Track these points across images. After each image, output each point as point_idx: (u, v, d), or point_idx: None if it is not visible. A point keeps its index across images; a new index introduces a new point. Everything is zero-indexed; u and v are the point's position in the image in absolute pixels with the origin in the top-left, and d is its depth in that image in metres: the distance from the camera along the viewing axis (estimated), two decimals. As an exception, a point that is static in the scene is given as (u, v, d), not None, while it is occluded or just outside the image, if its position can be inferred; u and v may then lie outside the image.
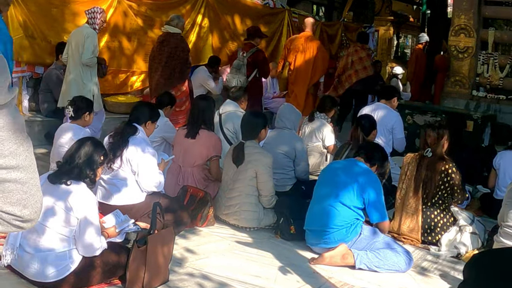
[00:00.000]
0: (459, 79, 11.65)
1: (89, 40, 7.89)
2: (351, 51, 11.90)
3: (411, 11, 19.80)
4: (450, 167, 6.16)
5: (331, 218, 5.42)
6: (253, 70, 9.87)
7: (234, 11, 11.73)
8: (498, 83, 11.36)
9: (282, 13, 13.04)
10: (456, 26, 11.57)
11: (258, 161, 6.02)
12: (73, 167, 4.27)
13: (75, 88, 7.93)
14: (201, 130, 6.62)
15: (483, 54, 11.52)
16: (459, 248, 5.93)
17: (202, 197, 6.07)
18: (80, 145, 4.38)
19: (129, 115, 5.93)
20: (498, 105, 11.14)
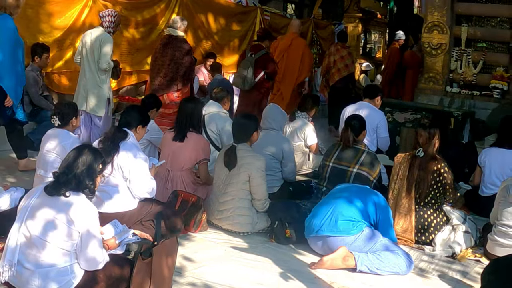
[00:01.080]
0: (433, 76, 11.63)
1: (106, 45, 7.81)
2: (333, 51, 12.34)
3: (379, 7, 19.79)
4: (442, 167, 6.08)
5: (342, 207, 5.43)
6: (261, 71, 9.83)
7: (208, 10, 11.53)
8: (472, 79, 11.36)
9: (254, 11, 12.88)
10: (429, 23, 11.55)
11: (251, 164, 5.84)
12: (71, 177, 4.03)
13: (91, 91, 7.92)
14: (189, 133, 6.42)
15: (456, 51, 11.50)
16: (453, 247, 5.85)
17: (194, 202, 5.87)
18: (77, 153, 4.14)
19: (119, 120, 5.70)
20: (473, 101, 11.15)
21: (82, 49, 7.99)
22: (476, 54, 11.35)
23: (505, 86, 10.89)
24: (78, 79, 8.17)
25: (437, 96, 11.47)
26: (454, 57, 11.54)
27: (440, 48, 11.48)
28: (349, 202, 5.48)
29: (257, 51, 9.94)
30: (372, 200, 5.56)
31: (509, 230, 5.56)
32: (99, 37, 7.82)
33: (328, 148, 6.84)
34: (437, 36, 11.47)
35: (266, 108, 7.57)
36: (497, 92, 10.95)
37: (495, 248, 5.67)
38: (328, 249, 5.37)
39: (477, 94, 11.18)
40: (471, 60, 11.37)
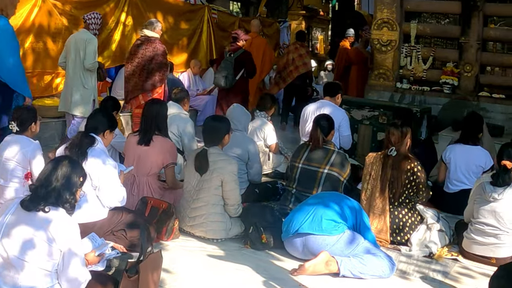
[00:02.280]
0: (383, 72, 11.54)
1: (91, 45, 7.97)
2: (292, 49, 12.54)
3: (321, 5, 19.71)
4: (416, 166, 5.94)
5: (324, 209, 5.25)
6: (240, 70, 9.90)
7: (157, 8, 11.16)
8: (422, 75, 11.32)
9: (202, 9, 12.57)
10: (379, 20, 11.45)
11: (224, 168, 5.55)
12: (50, 190, 3.67)
13: (77, 93, 8.05)
14: (155, 136, 6.10)
15: (406, 47, 11.44)
16: (430, 247, 5.75)
17: (165, 209, 5.54)
18: (56, 165, 3.77)
19: (86, 124, 5.32)
20: (423, 97, 11.10)
21: (66, 52, 8.13)
22: (426, 51, 11.31)
23: (456, 82, 10.89)
24: (64, 82, 8.36)
25: (388, 92, 11.40)
26: (404, 54, 11.47)
27: (390, 45, 11.40)
28: (328, 206, 5.29)
29: (235, 50, 10.00)
30: (347, 205, 5.38)
31: (486, 228, 5.48)
32: (83, 39, 7.97)
33: (296, 148, 6.59)
34: (386, 33, 11.38)
35: (229, 109, 7.28)
36: (447, 87, 10.94)
37: (472, 246, 5.58)
38: (308, 250, 5.18)
39: (427, 90, 11.14)
40: (420, 56, 11.32)
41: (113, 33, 10.07)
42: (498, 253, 5.46)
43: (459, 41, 10.96)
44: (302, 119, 7.97)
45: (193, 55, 12.52)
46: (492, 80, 10.99)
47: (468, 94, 10.87)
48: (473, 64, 10.81)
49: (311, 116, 7.77)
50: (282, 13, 16.46)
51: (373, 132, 8.98)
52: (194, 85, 11.96)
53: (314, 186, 6.19)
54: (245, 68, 9.95)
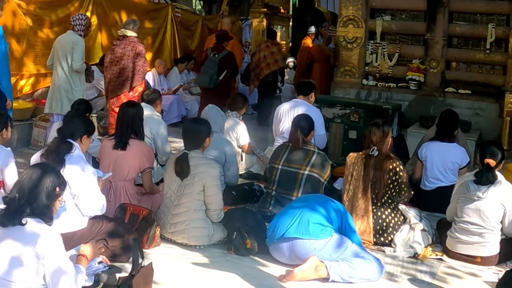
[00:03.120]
0: (348, 69, 11.45)
1: (77, 47, 7.97)
2: (263, 47, 12.62)
3: (281, 2, 19.55)
4: (398, 165, 5.82)
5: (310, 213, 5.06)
6: (224, 71, 10.17)
7: (121, 7, 10.86)
8: (388, 72, 11.27)
9: (166, 8, 12.29)
10: (345, 17, 11.36)
11: (205, 173, 5.31)
12: (23, 203, 3.39)
13: (65, 95, 8.06)
14: (131, 140, 5.84)
15: (372, 44, 11.37)
16: (414, 247, 5.65)
17: (146, 216, 5.29)
18: (31, 174, 3.50)
19: (61, 129, 5.01)
20: (390, 93, 11.05)
21: (54, 54, 8.13)
22: (391, 47, 11.26)
23: (422, 78, 10.88)
24: (51, 84, 8.35)
25: (354, 90, 11.32)
26: (370, 51, 11.40)
27: (355, 42, 11.32)
28: (314, 209, 5.10)
29: (220, 51, 10.28)
30: (332, 207, 5.22)
31: (471, 227, 5.39)
32: (70, 40, 7.97)
33: (275, 149, 6.39)
34: (352, 30, 11.30)
35: (204, 110, 7.05)
36: (414, 84, 10.92)
37: (456, 245, 5.50)
38: (295, 255, 5.01)
39: (393, 86, 11.09)
40: (386, 53, 11.26)
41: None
42: (482, 252, 5.39)
43: (425, 37, 10.93)
44: (275, 118, 7.77)
45: (157, 54, 12.31)
46: (458, 76, 10.99)
47: (434, 90, 10.87)
48: (439, 60, 10.81)
49: (285, 115, 7.60)
50: (244, 11, 16.27)
51: (344, 130, 8.86)
52: (159, 85, 11.67)
53: (295, 188, 6.01)
54: (228, 68, 10.22)
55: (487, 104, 10.38)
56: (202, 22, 13.38)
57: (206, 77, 10.03)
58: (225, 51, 10.36)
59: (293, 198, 5.95)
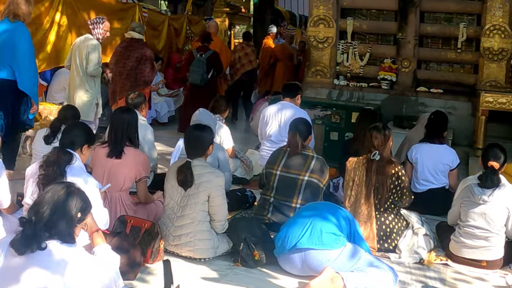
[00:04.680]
0: (320, 69, 11.23)
1: (94, 51, 7.96)
2: (238, 48, 13.18)
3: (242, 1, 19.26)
4: (400, 170, 5.63)
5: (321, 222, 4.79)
6: (211, 69, 10.59)
7: (90, 7, 10.37)
8: (359, 71, 11.12)
9: (133, 8, 11.85)
10: (315, 16, 11.13)
11: (211, 182, 4.98)
12: (40, 228, 3.02)
13: (80, 97, 8.04)
14: (126, 148, 5.46)
15: (342, 44, 11.18)
16: (419, 253, 5.46)
17: (148, 229, 4.92)
18: (51, 195, 3.13)
19: (61, 139, 4.62)
20: (362, 93, 10.88)
21: (72, 55, 8.15)
22: (362, 47, 11.11)
23: (394, 77, 10.78)
24: (68, 85, 8.36)
25: (325, 89, 11.10)
26: (340, 50, 11.21)
27: (326, 42, 11.10)
28: (324, 218, 4.84)
29: (205, 51, 10.65)
30: (341, 215, 4.97)
31: (476, 231, 5.24)
32: (86, 44, 7.99)
33: (271, 154, 6.08)
34: (323, 30, 11.08)
35: (195, 114, 6.72)
36: (386, 83, 10.79)
37: (462, 250, 5.34)
38: (307, 266, 4.74)
39: (365, 86, 10.92)
40: (357, 53, 11.10)
41: (48, 34, 9.23)
42: (488, 256, 5.26)
43: (397, 37, 10.80)
44: (262, 121, 7.48)
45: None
46: (429, 75, 10.94)
47: (407, 89, 10.77)
48: (410, 59, 10.71)
49: (272, 118, 7.34)
50: (207, 10, 15.92)
51: (325, 132, 8.63)
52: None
53: (294, 194, 5.74)
54: (214, 67, 10.67)
55: (459, 103, 10.32)
56: (168, 22, 12.98)
57: (197, 76, 10.34)
58: (211, 51, 10.68)
59: (293, 205, 5.70)
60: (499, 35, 9.89)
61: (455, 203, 5.52)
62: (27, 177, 4.59)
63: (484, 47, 9.99)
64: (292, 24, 20.36)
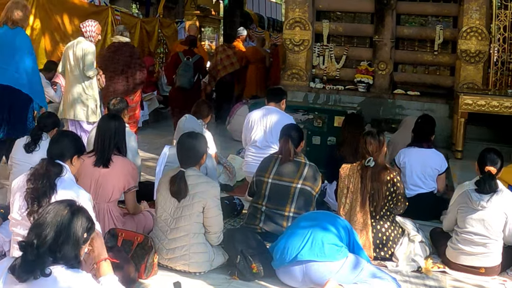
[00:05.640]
0: (296, 72, 11.04)
1: (89, 53, 7.86)
2: (220, 50, 13.02)
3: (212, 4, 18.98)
4: (395, 176, 5.45)
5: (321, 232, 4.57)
6: (197, 73, 10.52)
7: (63, 10, 10.00)
8: (335, 74, 10.97)
9: (106, 11, 11.49)
10: (291, 19, 10.95)
11: (206, 193, 4.72)
12: (44, 252, 2.75)
13: (79, 100, 7.90)
14: (114, 156, 5.16)
15: (318, 46, 11.02)
16: (417, 261, 5.28)
17: (141, 243, 4.64)
18: (53, 216, 2.85)
19: (49, 150, 4.30)
20: (338, 96, 10.72)
21: (66, 60, 8.02)
22: (338, 49, 10.95)
23: (370, 80, 10.64)
24: (64, 90, 8.27)
25: (302, 92, 10.93)
26: (316, 53, 11.04)
27: (302, 44, 10.92)
28: (325, 228, 4.62)
29: (192, 55, 10.54)
30: (340, 225, 4.77)
31: (474, 237, 5.10)
32: (81, 47, 7.87)
33: (262, 161, 5.83)
34: (299, 33, 10.90)
35: (181, 120, 6.44)
36: (362, 86, 10.66)
37: (459, 256, 5.20)
38: (309, 279, 4.53)
39: (341, 89, 10.77)
40: (333, 55, 10.94)
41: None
42: (486, 262, 5.13)
43: (373, 39, 10.67)
44: (246, 126, 7.21)
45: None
46: (406, 77, 10.86)
47: (383, 92, 10.65)
48: (387, 62, 10.59)
49: (257, 123, 7.09)
50: (179, 13, 15.60)
51: (308, 136, 8.40)
52: (103, 90, 10.95)
53: (287, 203, 5.51)
54: (200, 71, 10.71)
55: (437, 105, 10.24)
56: (141, 25, 12.65)
57: (185, 80, 10.23)
58: (197, 55, 10.65)
59: (286, 214, 5.47)
60: (476, 37, 9.82)
61: (451, 209, 5.36)
62: (14, 190, 4.26)
63: (461, 49, 9.92)
64: (260, 26, 20.19)
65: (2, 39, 6.67)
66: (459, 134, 9.14)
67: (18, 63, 6.70)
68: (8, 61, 6.67)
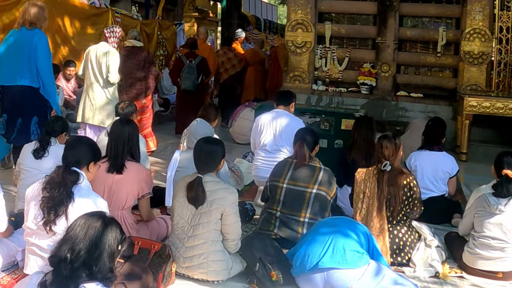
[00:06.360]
0: (298, 74, 10.95)
1: (113, 59, 7.95)
2: (221, 53, 13.05)
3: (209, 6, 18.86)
4: (411, 180, 5.34)
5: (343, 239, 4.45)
6: (200, 74, 10.62)
7: (64, 12, 9.84)
8: (338, 76, 10.87)
9: (106, 13, 11.33)
10: (293, 21, 10.86)
11: (224, 199, 4.59)
12: (79, 266, 2.62)
13: (101, 105, 7.99)
14: (127, 162, 5.02)
15: (320, 48, 10.92)
16: (434, 266, 5.17)
17: (158, 251, 4.51)
18: (86, 228, 2.72)
19: (64, 156, 4.16)
20: (341, 98, 10.63)
21: (87, 64, 8.07)
22: (341, 51, 10.84)
23: (374, 82, 10.57)
24: (83, 93, 8.26)
25: (304, 95, 10.83)
26: (319, 55, 10.94)
27: (305, 46, 10.83)
28: (345, 235, 4.50)
29: (194, 57, 10.64)
30: (360, 230, 4.65)
31: (492, 241, 4.99)
32: (105, 52, 7.96)
33: (276, 166, 5.70)
34: (301, 35, 10.80)
35: (192, 125, 6.30)
36: (365, 88, 10.58)
37: (477, 261, 5.08)
38: (330, 286, 4.39)
39: (344, 91, 10.67)
40: (336, 57, 10.84)
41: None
42: (504, 267, 5.00)
43: (376, 41, 10.57)
44: (255, 130, 7.09)
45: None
46: (409, 79, 10.76)
47: (386, 94, 10.56)
48: (390, 64, 10.51)
49: (266, 127, 6.96)
50: (177, 15, 15.46)
51: (314, 139, 8.27)
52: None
53: (302, 208, 5.35)
54: (203, 72, 10.72)
55: (440, 107, 10.17)
56: (141, 27, 12.49)
57: (190, 82, 10.38)
58: (199, 57, 10.71)
59: (301, 219, 5.32)
60: (479, 38, 9.76)
61: (468, 213, 5.26)
62: (28, 199, 4.13)
63: (464, 51, 9.86)
64: (257, 28, 20.09)
65: (20, 41, 6.71)
66: (463, 136, 9.08)
67: (35, 64, 6.73)
68: (25, 62, 6.70)
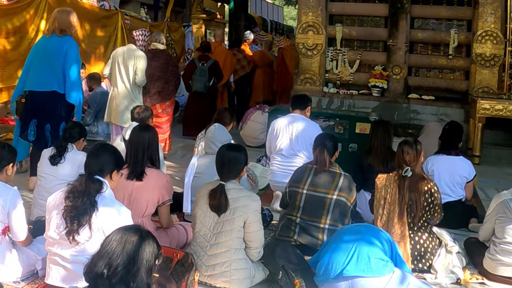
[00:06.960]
0: (309, 77, 10.88)
1: (141, 62, 8.01)
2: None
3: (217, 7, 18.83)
4: (433, 186, 5.27)
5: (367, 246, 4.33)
6: (212, 77, 10.66)
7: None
8: (349, 79, 10.79)
9: (116, 15, 11.28)
10: (304, 23, 10.78)
11: (247, 207, 4.53)
12: (116, 282, 2.56)
13: (126, 106, 7.98)
14: (147, 169, 4.96)
15: (331, 51, 10.85)
16: (455, 272, 5.10)
17: (181, 260, 4.44)
18: (123, 242, 2.66)
19: (87, 165, 4.09)
20: (352, 100, 10.56)
21: (114, 65, 8.14)
22: (352, 54, 10.77)
23: (385, 84, 10.48)
24: (111, 94, 8.32)
25: (315, 97, 10.68)
26: (330, 57, 10.86)
27: (315, 49, 10.75)
28: (370, 242, 4.42)
29: (207, 60, 10.73)
30: (383, 238, 4.56)
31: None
32: (133, 55, 8.03)
33: (295, 172, 5.63)
34: (312, 37, 10.73)
35: (210, 130, 6.22)
36: (377, 90, 10.50)
37: (498, 268, 5.00)
38: (355, 296, 4.30)
39: (355, 93, 10.59)
40: (347, 60, 10.76)
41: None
42: (525, 273, 4.92)
43: (387, 43, 10.50)
44: (271, 134, 7.03)
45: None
46: (420, 82, 10.69)
47: (398, 96, 10.49)
48: (401, 66, 10.43)
49: (282, 131, 6.90)
50: (186, 17, 15.42)
51: (328, 143, 8.20)
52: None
53: (322, 215, 5.28)
54: (215, 75, 10.75)
55: (452, 109, 10.09)
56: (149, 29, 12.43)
57: (201, 84, 10.46)
58: (211, 60, 10.74)
59: (321, 226, 5.26)
60: (491, 41, 9.69)
61: (489, 219, 5.19)
62: (50, 208, 4.06)
63: (476, 53, 9.79)
64: (264, 30, 20.06)
65: (50, 47, 6.71)
66: (476, 139, 9.02)
67: (65, 71, 6.74)
68: (54, 68, 6.70)
